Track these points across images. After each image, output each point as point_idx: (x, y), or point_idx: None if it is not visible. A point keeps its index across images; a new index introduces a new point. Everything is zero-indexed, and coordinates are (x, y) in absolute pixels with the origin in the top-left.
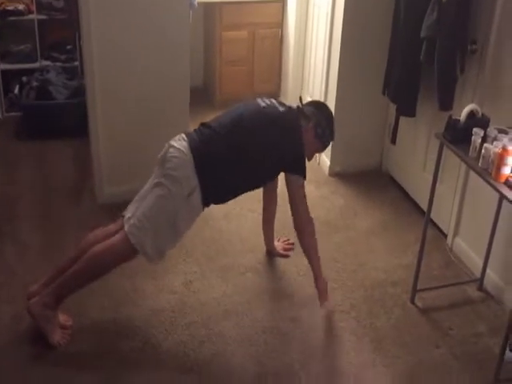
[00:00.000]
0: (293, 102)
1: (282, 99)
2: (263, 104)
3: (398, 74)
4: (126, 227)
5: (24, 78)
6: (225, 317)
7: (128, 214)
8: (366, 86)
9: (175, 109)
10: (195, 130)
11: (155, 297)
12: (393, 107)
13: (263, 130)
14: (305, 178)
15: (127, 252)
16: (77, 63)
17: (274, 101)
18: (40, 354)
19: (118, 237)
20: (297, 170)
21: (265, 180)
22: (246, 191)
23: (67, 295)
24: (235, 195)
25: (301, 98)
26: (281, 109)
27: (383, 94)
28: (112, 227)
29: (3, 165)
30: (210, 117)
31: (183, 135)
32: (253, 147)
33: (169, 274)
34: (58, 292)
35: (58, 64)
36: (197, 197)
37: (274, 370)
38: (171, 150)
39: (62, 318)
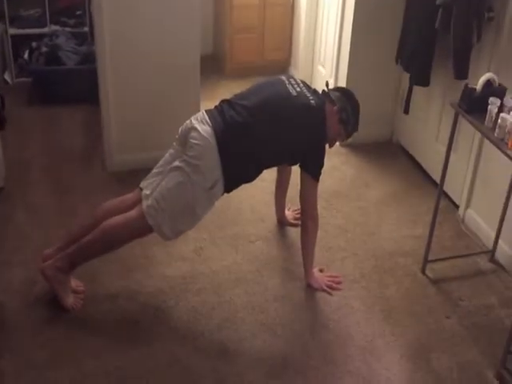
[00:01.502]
0: (304, 71)
1: (293, 68)
2: (294, 93)
3: (412, 42)
4: (144, 206)
5: (33, 43)
6: (235, 284)
7: (147, 190)
8: (378, 54)
9: (186, 77)
10: (218, 110)
11: (166, 263)
12: (406, 76)
13: (290, 122)
14: (317, 180)
15: (143, 230)
16: (86, 29)
17: (303, 88)
18: (53, 317)
19: (134, 213)
20: (312, 170)
21: (283, 164)
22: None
23: (80, 263)
24: (253, 179)
25: (327, 83)
26: (311, 99)
27: (396, 62)
28: (129, 197)
29: (14, 130)
30: (220, 85)
31: (206, 116)
32: (277, 136)
33: (179, 241)
34: (71, 259)
35: (68, 29)
36: (219, 187)
37: (284, 338)
38: (194, 134)
39: (75, 283)
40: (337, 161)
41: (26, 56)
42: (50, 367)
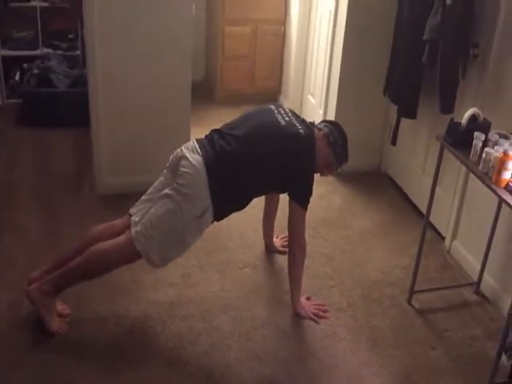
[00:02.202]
0: (294, 100)
1: (283, 97)
2: (283, 122)
3: (400, 75)
4: (133, 232)
5: (25, 65)
6: (222, 311)
7: (136, 217)
8: (367, 86)
9: (176, 102)
10: (208, 139)
11: (153, 289)
12: (394, 108)
13: (279, 151)
14: (306, 209)
15: (131, 256)
16: (78, 52)
17: (292, 117)
18: (38, 341)
19: (123, 239)
20: (300, 198)
21: (272, 192)
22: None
23: (66, 287)
24: (242, 208)
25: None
26: (299, 128)
27: (384, 94)
28: (118, 223)
29: (3, 152)
30: (210, 112)
31: (196, 145)
32: (265, 166)
33: (167, 267)
34: (57, 282)
35: (59, 52)
36: (208, 216)
37: (270, 365)
38: (184, 162)
39: (60, 306)
40: (324, 189)
41: (17, 77)
42: None
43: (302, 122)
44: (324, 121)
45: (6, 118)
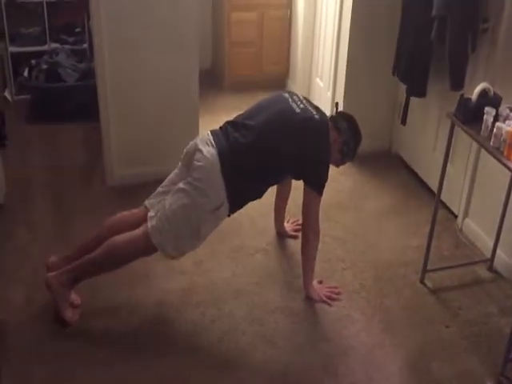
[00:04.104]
0: (302, 84)
1: (291, 81)
2: (297, 109)
3: (408, 54)
4: (149, 226)
5: (33, 61)
6: (235, 297)
7: (152, 212)
8: (375, 66)
9: (185, 91)
10: (222, 131)
11: (166, 277)
12: (403, 87)
13: (295, 138)
14: (321, 194)
15: (148, 249)
16: (85, 46)
17: (307, 104)
18: (53, 333)
19: (139, 233)
20: (315, 185)
21: (286, 179)
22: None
23: (84, 279)
24: (258, 198)
25: (337, 105)
26: (315, 116)
27: (393, 74)
28: (135, 212)
29: (14, 147)
30: (218, 99)
31: (211, 138)
32: (281, 155)
33: None
34: (75, 274)
35: (67, 47)
36: (224, 209)
37: (284, 349)
38: (198, 155)
39: (73, 297)
40: (335, 172)
41: (25, 73)
42: (48, 381)
43: (317, 109)
44: (344, 116)
45: (16, 115)
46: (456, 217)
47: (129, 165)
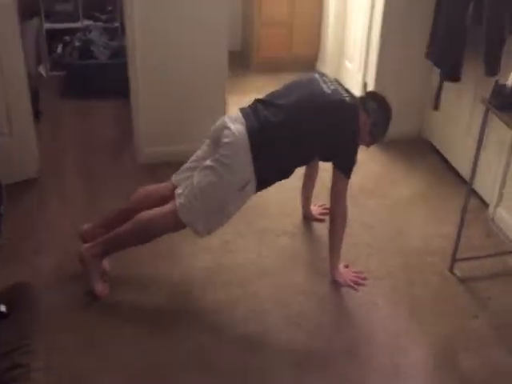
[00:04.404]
0: (331, 66)
1: (320, 63)
2: (328, 91)
3: (443, 37)
4: (177, 204)
5: (67, 38)
6: (260, 277)
7: (179, 189)
8: (408, 48)
9: (213, 72)
10: (252, 109)
11: (193, 255)
12: (436, 71)
13: (324, 120)
14: (349, 178)
15: (176, 225)
16: (117, 24)
17: (338, 86)
18: (82, 303)
19: (168, 210)
20: (344, 167)
21: (314, 161)
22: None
23: (114, 251)
24: (285, 178)
25: (365, 85)
26: (345, 98)
27: (426, 57)
28: (163, 186)
29: (48, 122)
30: (247, 80)
31: (240, 115)
32: (310, 135)
33: None
34: (106, 247)
35: (100, 24)
36: (251, 187)
37: (308, 332)
38: (227, 132)
39: (103, 267)
40: (363, 157)
41: (59, 50)
42: (79, 351)
43: (347, 91)
44: (373, 96)
45: (50, 90)
46: (487, 206)
47: (157, 143)
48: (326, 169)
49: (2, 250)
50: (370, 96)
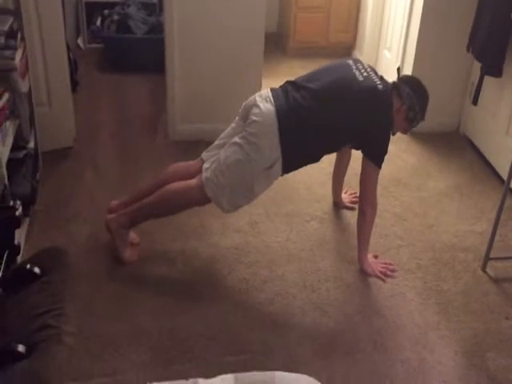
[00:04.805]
0: (369, 55)
1: (357, 51)
2: (360, 77)
3: (486, 30)
4: (204, 178)
5: (106, 11)
6: (288, 261)
7: (207, 163)
8: (449, 40)
9: (249, 53)
10: (282, 90)
11: (221, 234)
12: (477, 65)
13: (355, 107)
14: (380, 167)
15: (202, 199)
16: (155, 0)
17: (371, 72)
18: (113, 272)
19: (194, 183)
20: (375, 156)
21: (345, 148)
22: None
23: (140, 221)
24: (313, 162)
25: (399, 70)
26: (378, 86)
27: (467, 50)
28: (192, 164)
29: (84, 94)
30: (282, 63)
31: (270, 95)
32: (339, 122)
33: (235, 214)
34: (132, 216)
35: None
36: (277, 167)
37: (334, 318)
38: (256, 110)
39: (132, 236)
40: (398, 148)
41: (98, 23)
42: (108, 318)
43: (381, 78)
44: (408, 80)
45: (88, 62)
46: None
47: (190, 120)
48: (360, 157)
49: (38, 216)
50: (403, 80)
